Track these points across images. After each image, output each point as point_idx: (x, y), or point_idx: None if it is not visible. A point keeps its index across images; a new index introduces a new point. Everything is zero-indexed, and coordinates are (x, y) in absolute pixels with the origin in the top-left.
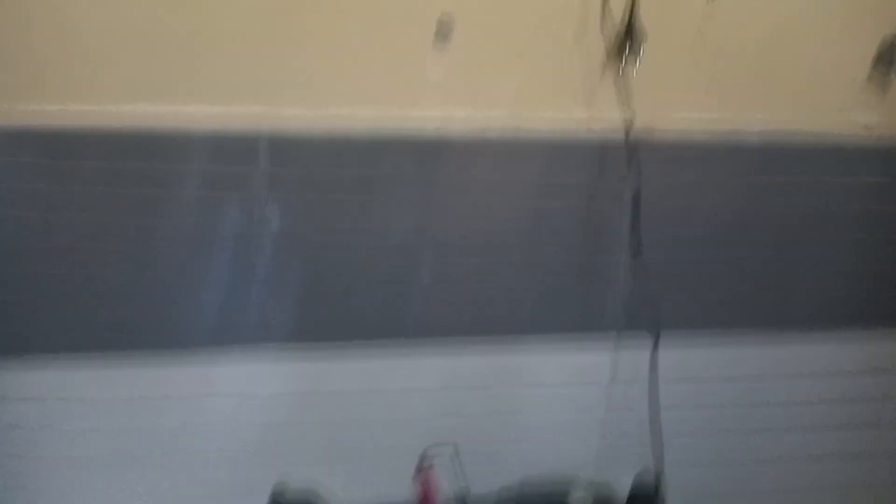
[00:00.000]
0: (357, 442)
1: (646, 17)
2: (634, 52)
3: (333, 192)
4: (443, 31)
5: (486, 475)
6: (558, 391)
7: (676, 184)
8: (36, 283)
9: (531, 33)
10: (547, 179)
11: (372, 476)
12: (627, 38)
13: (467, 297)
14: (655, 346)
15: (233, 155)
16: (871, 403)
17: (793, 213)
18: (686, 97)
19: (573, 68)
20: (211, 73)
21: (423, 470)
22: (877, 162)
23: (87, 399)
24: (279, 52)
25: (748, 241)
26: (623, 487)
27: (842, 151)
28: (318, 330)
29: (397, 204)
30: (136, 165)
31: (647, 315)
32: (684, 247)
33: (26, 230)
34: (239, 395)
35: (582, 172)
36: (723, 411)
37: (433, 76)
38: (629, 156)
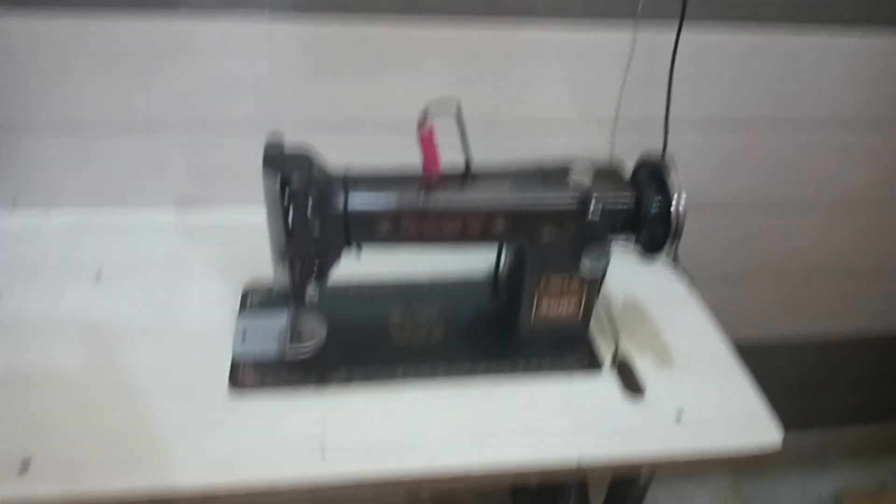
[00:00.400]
0: (356, 115)
1: None
2: None
3: None
4: None
5: (488, 157)
6: (573, 72)
7: None
8: None
9: None
10: None
11: (372, 147)
12: None
13: None
14: (679, 31)
15: None
16: None
17: None
18: None
19: None
20: None
21: (423, 125)
22: None
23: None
24: None
25: None
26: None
27: None
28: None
29: None
30: None
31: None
32: None
33: None
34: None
35: None
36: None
37: None
38: None
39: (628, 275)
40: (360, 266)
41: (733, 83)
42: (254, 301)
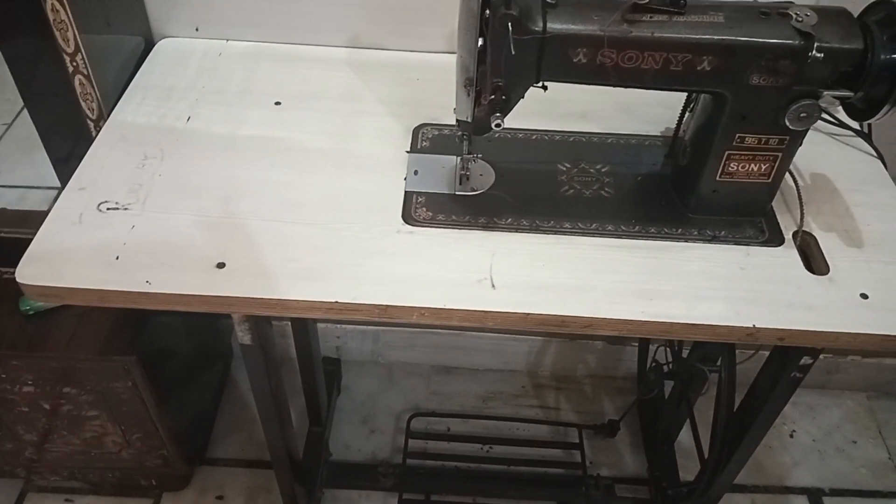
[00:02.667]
0: None
1: None
2: None
3: None
4: None
5: None
6: None
7: None
8: None
9: None
10: None
11: None
12: None
13: None
14: None
15: None
16: None
17: None
18: None
19: None
20: None
21: None
22: None
23: None
24: None
25: None
26: None
27: None
28: None
29: None
30: None
31: None
32: None
33: None
34: None
35: None
36: None
37: None
38: None
39: (819, 151)
40: (530, 118)
41: None
42: (424, 140)
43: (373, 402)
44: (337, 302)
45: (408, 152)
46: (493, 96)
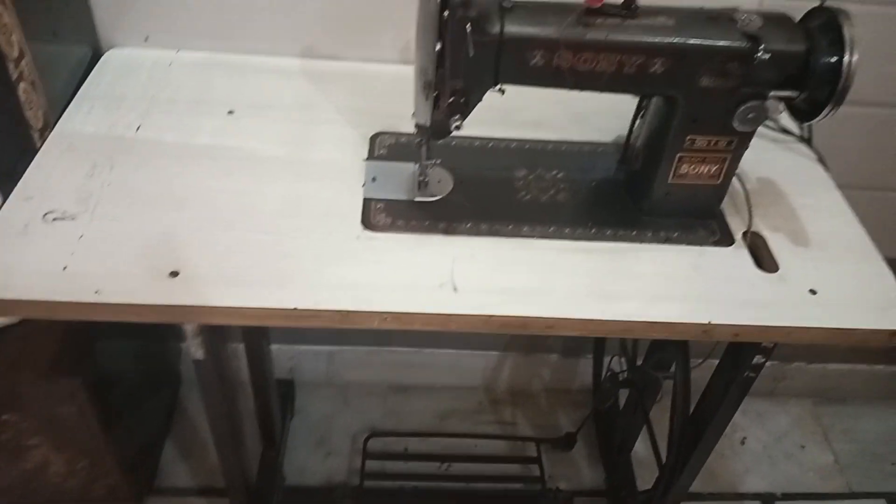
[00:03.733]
0: None
1: None
2: None
3: None
4: None
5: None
6: None
7: None
8: None
9: None
10: None
11: None
12: None
13: None
14: None
15: None
16: None
17: None
18: None
19: None
20: None
21: None
22: None
23: None
24: None
25: None
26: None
27: None
28: None
29: None
30: None
31: None
32: None
33: None
34: None
35: None
36: None
37: None
38: None
39: (764, 157)
40: (486, 126)
41: None
42: (381, 148)
43: (328, 423)
44: (296, 308)
45: (365, 160)
46: (452, 99)
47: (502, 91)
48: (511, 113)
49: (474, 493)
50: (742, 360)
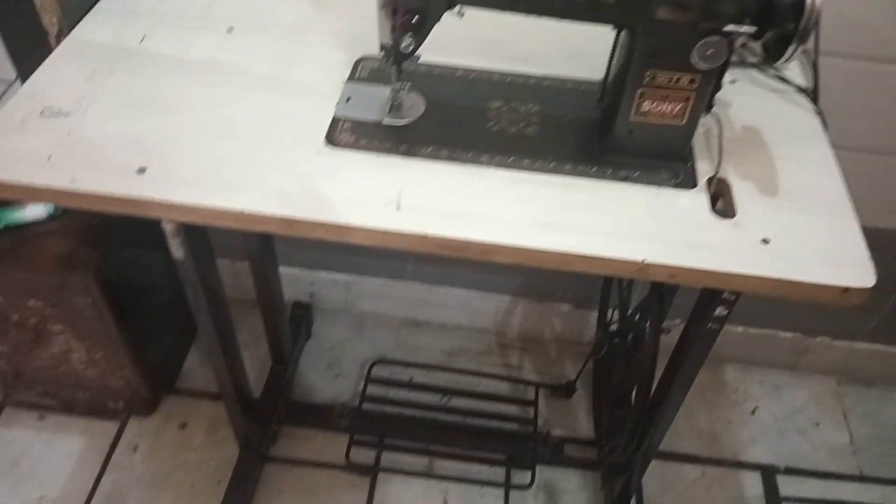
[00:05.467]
0: None
1: None
2: None
3: None
4: None
5: None
6: None
7: None
8: None
9: None
10: None
11: None
12: None
13: None
14: None
15: None
16: None
17: None
18: None
19: None
20: None
21: None
22: None
23: None
24: None
25: None
26: None
27: None
28: None
29: None
30: None
31: None
32: None
33: None
34: None
35: None
36: None
37: None
38: None
39: (760, 105)
40: (473, 57)
41: None
42: (364, 71)
43: (341, 349)
44: (243, 212)
45: (345, 81)
46: (405, 18)
47: (461, 13)
48: (503, 45)
49: (466, 427)
50: (707, 309)
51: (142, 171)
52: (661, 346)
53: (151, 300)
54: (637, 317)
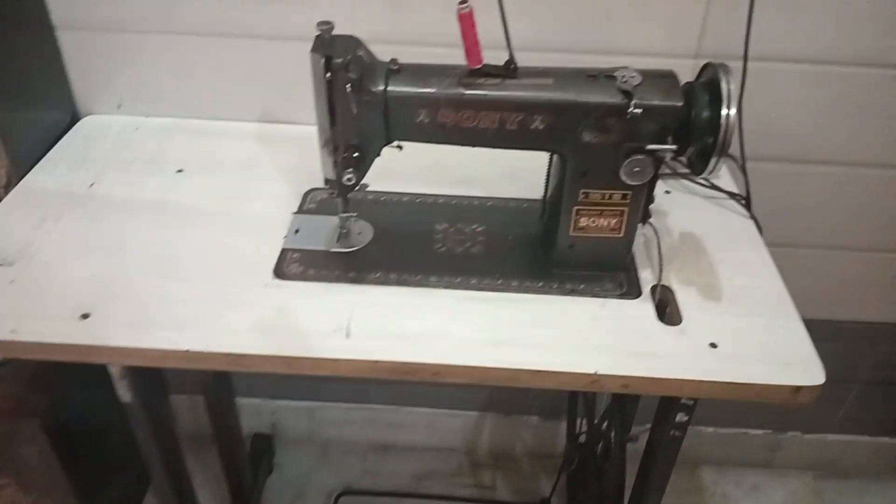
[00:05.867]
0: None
1: None
2: None
3: None
4: None
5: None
6: None
7: None
8: None
9: None
10: None
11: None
12: None
13: None
14: None
15: None
16: None
17: None
18: None
19: None
20: None
21: (463, 3)
22: None
23: None
24: None
25: None
26: None
27: None
28: None
29: None
30: None
31: None
32: None
33: None
34: None
35: None
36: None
37: None
38: None
39: (696, 213)
40: (418, 183)
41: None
42: (312, 203)
43: (306, 480)
44: (189, 351)
45: (294, 213)
46: (345, 154)
47: (400, 147)
48: (445, 170)
49: None
50: (668, 418)
51: (85, 316)
52: (632, 453)
53: (104, 443)
54: (605, 425)
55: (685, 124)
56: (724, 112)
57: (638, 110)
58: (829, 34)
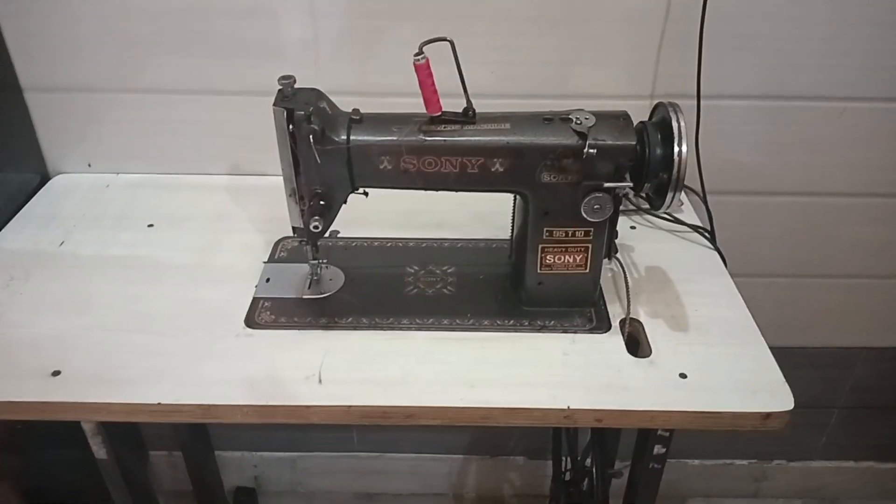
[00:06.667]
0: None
1: None
2: None
3: None
4: None
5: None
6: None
7: None
8: None
9: None
10: None
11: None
12: None
13: None
14: None
15: None
16: None
17: None
18: None
19: None
20: None
21: (419, 54)
22: None
23: None
24: None
25: None
26: None
27: None
28: None
29: None
30: None
31: None
32: None
33: None
34: None
35: None
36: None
37: None
38: None
39: (661, 246)
40: (388, 228)
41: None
42: (283, 251)
43: None
44: (160, 404)
45: (265, 262)
46: (311, 203)
47: (366, 194)
48: (415, 215)
49: None
50: (646, 450)
51: (56, 373)
52: (619, 489)
53: (80, 503)
54: (588, 461)
55: (640, 162)
56: (676, 149)
57: (593, 150)
58: (775, 72)
